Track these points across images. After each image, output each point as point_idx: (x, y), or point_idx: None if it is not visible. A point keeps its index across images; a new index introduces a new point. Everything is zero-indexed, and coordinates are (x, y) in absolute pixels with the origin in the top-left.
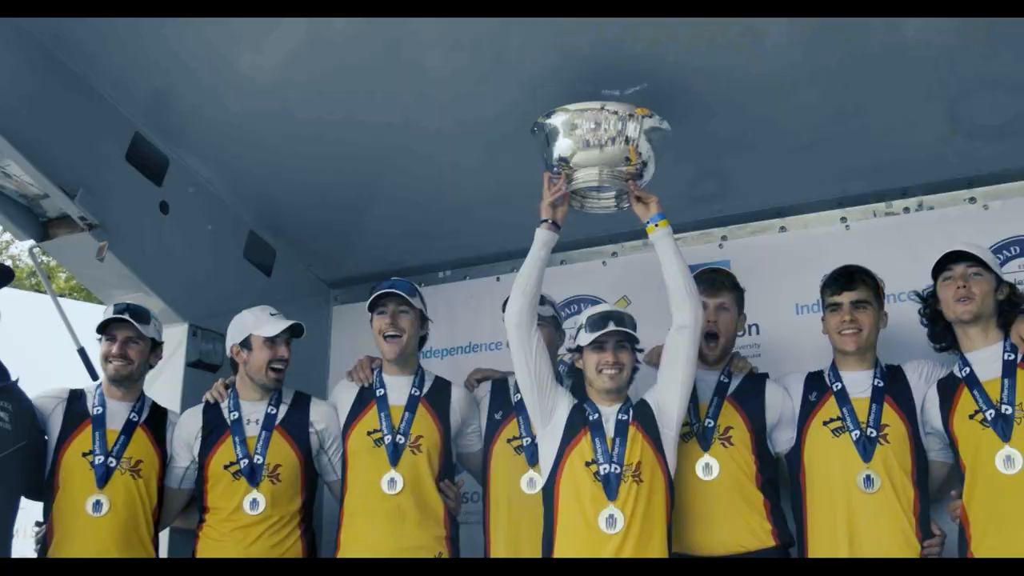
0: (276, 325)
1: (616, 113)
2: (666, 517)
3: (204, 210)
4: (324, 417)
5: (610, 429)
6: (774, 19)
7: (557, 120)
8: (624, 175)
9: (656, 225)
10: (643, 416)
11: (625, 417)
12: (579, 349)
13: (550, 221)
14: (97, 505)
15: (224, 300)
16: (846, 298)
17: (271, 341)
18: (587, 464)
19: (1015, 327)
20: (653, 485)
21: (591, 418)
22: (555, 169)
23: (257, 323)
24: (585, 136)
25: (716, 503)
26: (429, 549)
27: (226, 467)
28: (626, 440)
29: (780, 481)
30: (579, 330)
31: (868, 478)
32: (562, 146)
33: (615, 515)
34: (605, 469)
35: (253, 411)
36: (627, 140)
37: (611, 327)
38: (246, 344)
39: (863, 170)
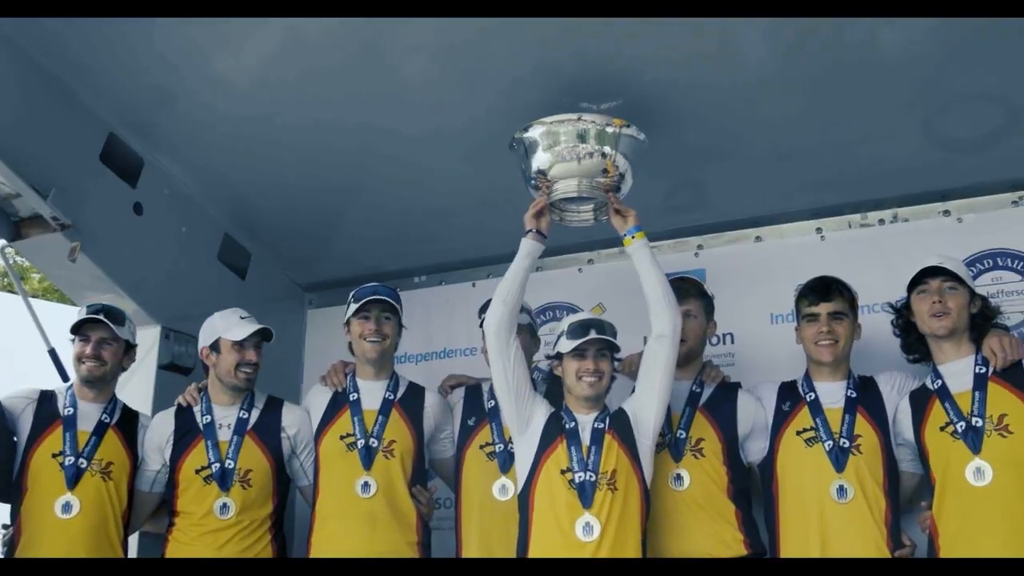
0: (244, 329)
1: (593, 124)
2: (641, 525)
3: (178, 212)
4: (296, 422)
5: (586, 437)
6: (751, 28)
7: (535, 133)
8: (602, 186)
9: (633, 237)
10: (619, 425)
11: (601, 425)
12: (559, 356)
13: (535, 231)
14: (67, 507)
15: (198, 303)
16: (823, 309)
17: (239, 345)
18: (562, 472)
19: (987, 340)
20: (628, 493)
21: (567, 426)
22: (533, 182)
23: (226, 326)
24: (563, 149)
25: (687, 513)
26: (401, 554)
27: (197, 471)
28: (601, 448)
29: (752, 491)
30: (560, 337)
31: (841, 488)
32: (540, 159)
33: (591, 523)
34: (580, 477)
35: (225, 415)
36: (604, 153)
37: (592, 335)
38: (215, 347)
39: (839, 181)
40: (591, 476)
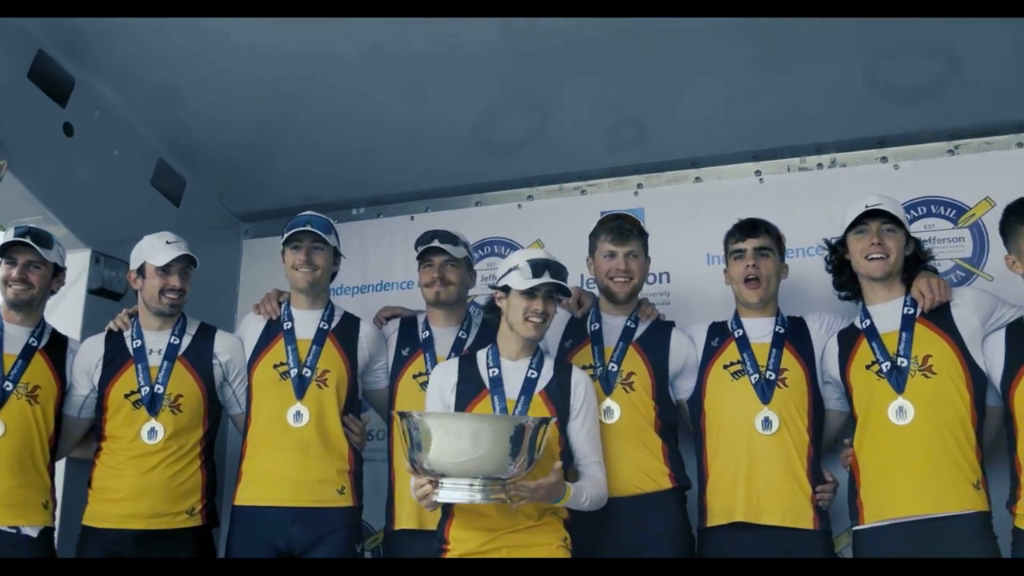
0: (168, 253)
1: None
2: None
3: (111, 135)
4: (229, 349)
5: (512, 391)
6: None
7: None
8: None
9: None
10: (556, 395)
11: (535, 375)
12: (504, 288)
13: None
14: None
15: (130, 228)
16: (749, 244)
17: (163, 270)
18: None
19: (916, 282)
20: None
21: (492, 375)
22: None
23: (152, 251)
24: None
25: (615, 446)
26: (332, 482)
27: (126, 396)
28: (529, 403)
29: (680, 427)
30: (510, 271)
31: (766, 420)
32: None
33: None
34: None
35: (156, 341)
36: None
37: (547, 277)
38: (141, 272)
39: (779, 125)
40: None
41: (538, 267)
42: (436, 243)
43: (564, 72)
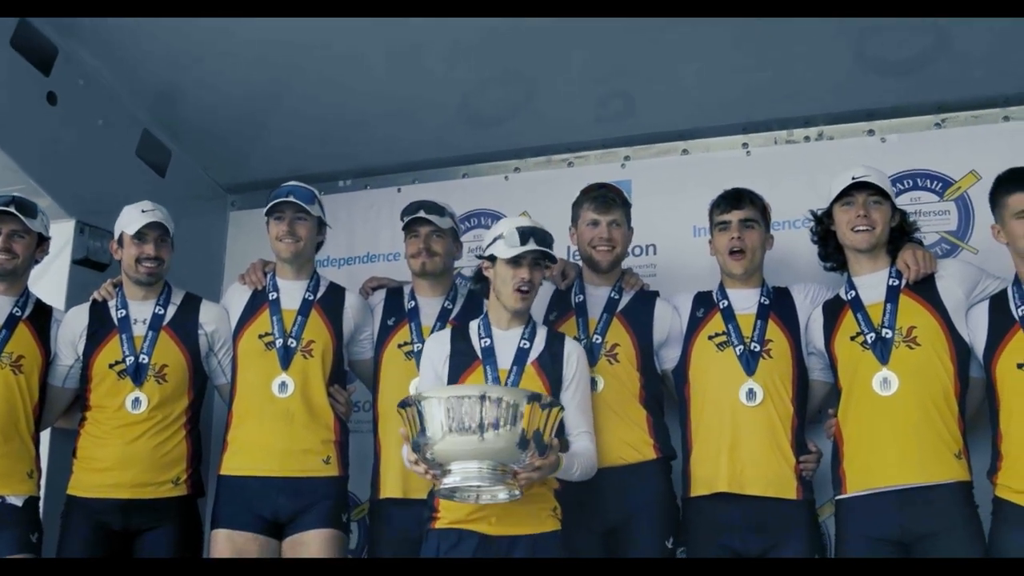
0: (140, 221)
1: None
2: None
3: (95, 104)
4: (214, 319)
5: (505, 360)
6: None
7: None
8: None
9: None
10: (548, 366)
11: (527, 345)
12: (491, 258)
13: None
14: None
15: (115, 199)
16: (735, 216)
17: (137, 238)
18: None
19: (901, 254)
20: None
21: (484, 345)
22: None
23: (128, 220)
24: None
25: (599, 418)
26: (317, 452)
27: (111, 366)
28: (522, 373)
29: (665, 398)
30: (496, 240)
31: (751, 391)
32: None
33: None
34: None
35: (140, 311)
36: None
37: (532, 245)
38: (121, 241)
39: (767, 98)
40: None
41: (524, 234)
42: (422, 213)
43: (553, 44)
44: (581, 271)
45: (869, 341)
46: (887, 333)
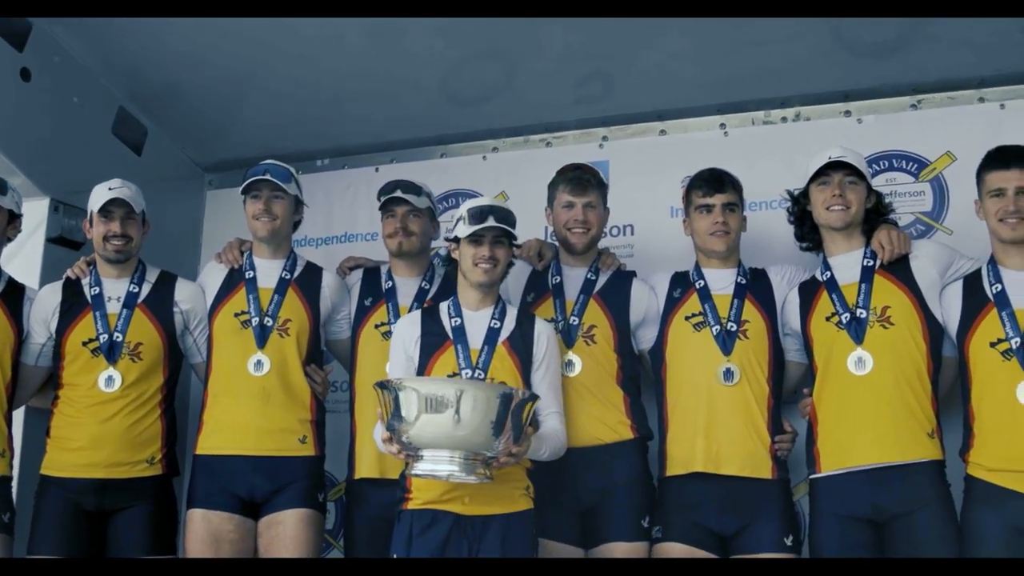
0: (105, 198)
1: None
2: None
3: (70, 81)
4: (190, 297)
5: (475, 340)
6: None
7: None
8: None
9: None
10: (519, 345)
11: (497, 324)
12: (456, 240)
13: None
14: None
15: (90, 177)
16: (718, 200)
17: (102, 215)
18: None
19: (876, 234)
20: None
21: (454, 324)
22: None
23: (96, 197)
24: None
25: (576, 399)
26: (293, 431)
27: (85, 343)
28: (492, 353)
29: (642, 378)
30: (458, 221)
31: (728, 371)
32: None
33: None
34: (468, 375)
35: (114, 288)
36: None
37: (491, 222)
38: (91, 219)
39: (744, 79)
40: (480, 375)
41: (483, 213)
42: (399, 193)
43: (531, 24)
44: (558, 252)
45: (844, 321)
46: (862, 313)
